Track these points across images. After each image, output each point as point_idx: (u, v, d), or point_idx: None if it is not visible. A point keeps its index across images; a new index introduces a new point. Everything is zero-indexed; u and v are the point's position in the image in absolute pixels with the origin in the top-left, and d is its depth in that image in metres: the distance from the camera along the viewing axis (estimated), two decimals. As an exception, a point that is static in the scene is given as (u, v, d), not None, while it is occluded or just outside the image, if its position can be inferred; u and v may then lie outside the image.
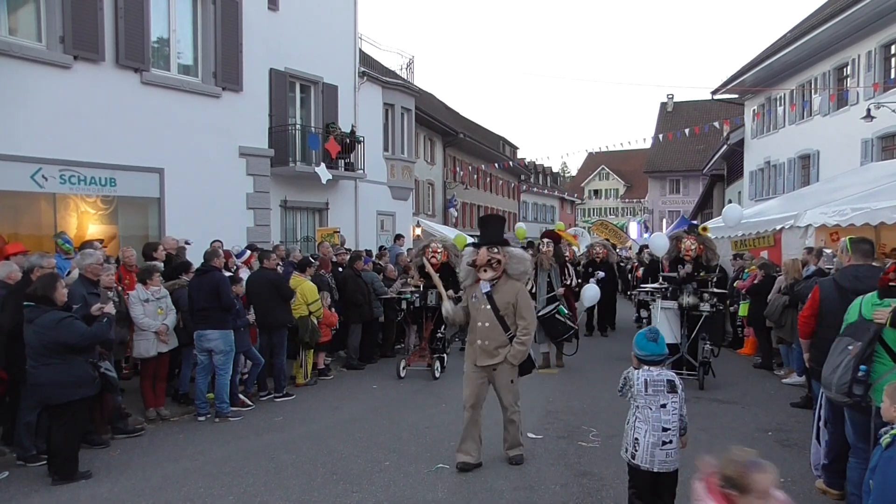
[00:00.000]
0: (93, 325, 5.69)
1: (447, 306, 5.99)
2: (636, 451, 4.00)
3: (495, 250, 5.52)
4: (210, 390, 7.58)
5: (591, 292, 10.75)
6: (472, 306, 5.68)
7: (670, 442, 3.96)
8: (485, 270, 5.52)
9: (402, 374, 9.55)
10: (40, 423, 5.98)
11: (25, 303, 5.55)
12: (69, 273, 7.20)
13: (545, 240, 10.51)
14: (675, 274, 9.49)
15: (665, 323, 9.17)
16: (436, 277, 7.13)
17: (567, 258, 11.09)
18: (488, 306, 5.54)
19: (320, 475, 5.62)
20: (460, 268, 5.96)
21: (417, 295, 9.63)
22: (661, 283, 9.70)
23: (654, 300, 9.84)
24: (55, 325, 5.37)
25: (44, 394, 5.49)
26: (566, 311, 9.98)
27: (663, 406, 3.97)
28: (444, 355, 9.94)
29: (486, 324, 5.54)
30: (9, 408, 5.97)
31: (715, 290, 9.11)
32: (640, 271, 15.23)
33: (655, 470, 3.95)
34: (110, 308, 5.88)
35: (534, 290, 9.83)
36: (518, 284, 5.63)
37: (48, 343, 5.37)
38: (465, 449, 5.65)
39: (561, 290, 10.18)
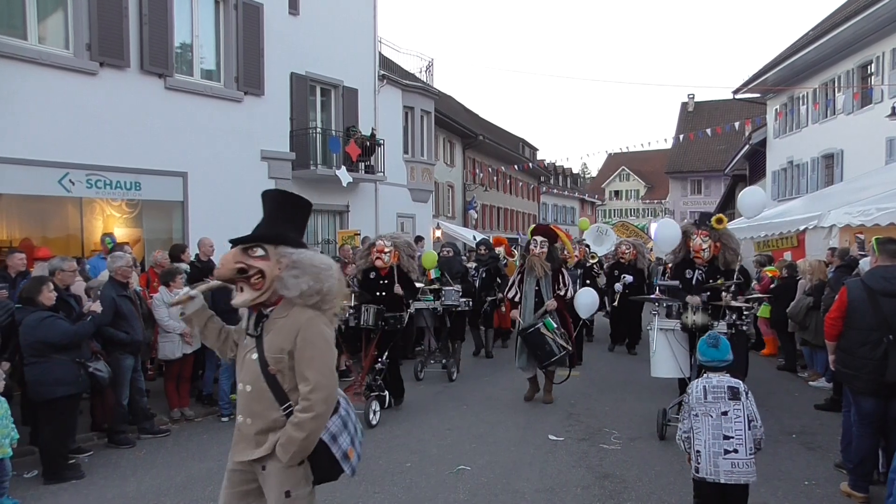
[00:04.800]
0: (76, 324, 5.85)
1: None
2: (699, 463, 3.86)
3: (259, 252, 2.91)
4: (233, 391, 7.67)
5: (585, 299, 8.30)
6: (238, 356, 3.11)
7: (735, 451, 3.77)
8: (240, 289, 2.93)
9: None
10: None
11: (16, 305, 5.80)
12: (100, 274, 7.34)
13: (538, 237, 8.13)
14: (676, 282, 7.19)
15: (666, 349, 6.83)
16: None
17: (568, 258, 9.28)
18: (255, 355, 2.94)
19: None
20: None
21: (351, 312, 7.27)
22: (657, 294, 7.47)
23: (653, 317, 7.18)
24: (37, 324, 5.57)
25: (32, 391, 5.69)
26: (554, 326, 7.75)
27: (725, 413, 3.83)
28: (385, 394, 7.56)
29: (248, 387, 2.96)
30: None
31: (734, 302, 6.48)
32: None
33: (722, 481, 3.77)
34: (97, 306, 6.07)
35: (518, 299, 8.12)
36: (305, 315, 2.89)
37: (32, 342, 5.57)
38: None
39: (553, 304, 7.91)
